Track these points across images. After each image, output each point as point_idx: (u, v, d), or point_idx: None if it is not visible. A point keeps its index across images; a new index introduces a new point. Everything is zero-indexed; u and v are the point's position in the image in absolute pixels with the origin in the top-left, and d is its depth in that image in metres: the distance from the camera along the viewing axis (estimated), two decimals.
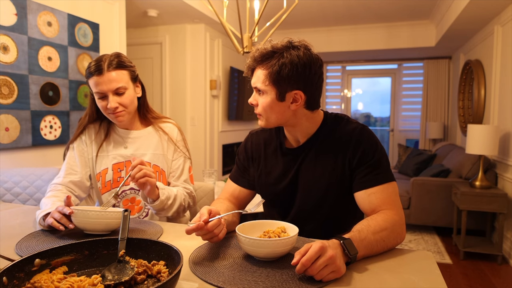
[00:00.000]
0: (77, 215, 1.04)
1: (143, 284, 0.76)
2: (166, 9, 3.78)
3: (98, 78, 1.29)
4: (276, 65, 1.02)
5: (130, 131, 1.45)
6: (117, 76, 1.30)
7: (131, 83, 1.36)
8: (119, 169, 1.41)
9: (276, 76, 1.03)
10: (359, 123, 1.13)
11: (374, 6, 4.48)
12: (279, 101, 1.06)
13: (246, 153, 1.27)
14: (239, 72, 5.08)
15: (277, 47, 1.05)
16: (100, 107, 1.35)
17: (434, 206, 3.63)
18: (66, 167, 1.41)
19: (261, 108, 1.09)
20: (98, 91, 1.30)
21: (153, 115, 1.50)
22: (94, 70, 1.29)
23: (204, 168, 4.45)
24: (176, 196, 1.33)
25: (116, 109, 1.31)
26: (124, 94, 1.33)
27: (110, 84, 1.29)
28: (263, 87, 1.06)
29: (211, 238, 0.95)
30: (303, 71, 1.04)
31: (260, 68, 1.07)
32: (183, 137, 1.52)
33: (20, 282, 0.69)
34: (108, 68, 1.29)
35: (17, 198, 1.97)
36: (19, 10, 2.31)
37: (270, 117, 1.10)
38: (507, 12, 3.22)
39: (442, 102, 5.89)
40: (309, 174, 1.14)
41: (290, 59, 1.02)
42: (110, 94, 1.30)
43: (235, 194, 1.26)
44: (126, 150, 1.43)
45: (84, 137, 1.44)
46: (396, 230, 0.97)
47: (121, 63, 1.33)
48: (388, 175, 1.06)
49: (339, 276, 0.79)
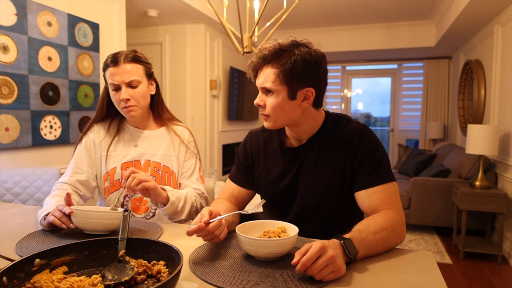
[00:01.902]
0: (77, 215, 1.04)
1: (143, 284, 0.76)
2: (166, 9, 3.78)
3: (113, 69, 1.31)
4: (288, 62, 1.01)
5: (143, 131, 1.45)
6: (131, 69, 1.32)
7: (146, 79, 1.38)
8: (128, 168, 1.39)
9: (289, 74, 1.01)
10: (360, 123, 1.13)
11: (374, 6, 4.48)
12: (290, 100, 1.05)
13: (246, 153, 1.27)
14: (239, 72, 5.08)
15: (286, 45, 1.04)
16: (114, 101, 1.36)
17: (434, 206, 3.63)
18: (73, 166, 1.40)
19: (270, 109, 1.07)
20: (112, 82, 1.32)
21: (169, 116, 1.51)
22: (110, 62, 1.32)
23: (204, 168, 4.45)
24: (186, 197, 1.31)
25: (127, 101, 1.32)
26: (137, 88, 1.34)
27: (124, 76, 1.31)
28: (274, 86, 1.04)
29: (212, 239, 0.95)
30: (315, 68, 1.04)
31: (269, 67, 1.04)
32: (193, 139, 1.53)
33: (20, 282, 0.69)
34: (124, 61, 1.32)
35: (17, 198, 1.97)
36: (19, 10, 2.31)
37: (280, 117, 1.08)
38: (507, 12, 3.22)
39: (442, 102, 5.89)
40: (310, 173, 1.14)
41: (301, 56, 1.02)
42: (123, 86, 1.32)
43: (235, 194, 1.26)
44: (136, 148, 1.42)
45: (93, 135, 1.44)
46: (396, 230, 0.97)
47: (137, 58, 1.36)
48: (388, 175, 1.06)
49: (339, 276, 0.79)
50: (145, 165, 1.40)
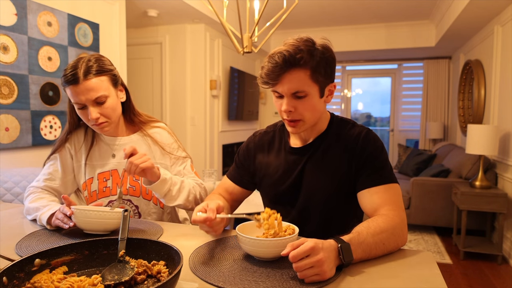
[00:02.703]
0: (77, 214, 1.04)
1: (143, 284, 0.76)
2: (166, 9, 3.78)
3: (74, 87, 1.18)
4: (314, 61, 1.00)
5: (117, 138, 1.37)
6: (95, 85, 1.19)
7: (112, 89, 1.26)
8: (105, 178, 1.35)
9: (318, 73, 1.01)
10: (364, 127, 1.14)
11: (374, 6, 4.48)
12: (320, 98, 1.07)
13: (249, 153, 1.27)
14: (239, 72, 5.08)
15: (303, 45, 1.00)
16: (82, 118, 1.26)
17: (434, 206, 3.63)
18: (46, 172, 1.35)
19: (305, 112, 1.04)
20: (76, 101, 1.20)
21: (141, 119, 1.40)
22: (69, 80, 1.18)
23: (204, 168, 4.45)
24: (183, 183, 1.27)
25: (97, 119, 1.22)
26: (105, 103, 1.22)
27: (88, 94, 1.18)
28: (308, 88, 1.01)
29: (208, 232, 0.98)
30: (333, 61, 1.06)
31: (297, 70, 0.99)
32: (174, 138, 1.43)
33: (20, 282, 0.69)
34: (85, 77, 1.18)
35: (17, 198, 1.97)
36: (19, 10, 2.31)
37: (312, 118, 1.07)
38: (507, 12, 3.22)
39: (442, 102, 5.89)
40: (313, 174, 1.13)
41: (322, 52, 1.02)
42: (89, 105, 1.20)
43: (229, 191, 1.27)
44: (113, 158, 1.36)
45: (69, 146, 1.37)
46: (397, 233, 0.95)
47: (100, 69, 1.21)
48: (392, 177, 1.06)
49: (322, 280, 0.77)
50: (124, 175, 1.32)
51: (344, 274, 0.82)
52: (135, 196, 1.36)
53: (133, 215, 1.38)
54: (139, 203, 1.37)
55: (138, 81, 4.55)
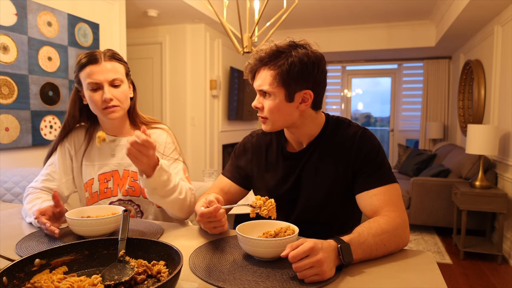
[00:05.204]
0: (74, 224, 1.02)
1: (143, 284, 0.76)
2: (166, 9, 3.78)
3: (94, 67, 1.22)
4: (285, 64, 1.00)
5: (120, 138, 1.37)
6: (113, 67, 1.25)
7: (126, 79, 1.31)
8: (106, 179, 1.34)
9: (286, 76, 1.00)
10: (360, 126, 1.12)
11: (374, 6, 4.48)
12: (288, 102, 1.04)
13: (245, 153, 1.26)
14: (239, 72, 5.08)
15: (283, 47, 1.02)
16: (92, 102, 1.25)
17: (434, 206, 3.63)
18: (45, 173, 1.35)
19: (267, 111, 1.06)
20: (92, 81, 1.22)
21: (142, 120, 1.41)
22: (89, 60, 1.23)
23: (204, 168, 4.45)
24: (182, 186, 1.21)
25: (110, 101, 1.23)
26: (119, 87, 1.26)
27: (107, 74, 1.23)
28: (271, 89, 1.03)
29: (215, 228, 0.96)
30: (313, 70, 1.02)
31: (266, 69, 1.03)
32: (173, 140, 1.41)
33: (20, 282, 0.69)
34: (105, 58, 1.25)
35: (17, 198, 1.97)
36: (19, 10, 2.31)
37: (278, 120, 1.07)
38: (507, 12, 3.22)
39: (442, 102, 5.89)
40: (311, 178, 1.13)
41: (299, 57, 1.00)
42: (106, 85, 1.23)
43: (225, 189, 1.24)
44: (113, 158, 1.35)
45: (68, 145, 1.37)
46: (398, 234, 0.94)
47: (117, 56, 1.29)
48: (390, 177, 1.05)
49: (322, 280, 0.77)
50: (124, 175, 1.34)
51: (344, 274, 0.82)
52: (135, 196, 1.36)
53: (135, 215, 1.38)
54: (140, 202, 1.38)
55: (138, 81, 4.53)
